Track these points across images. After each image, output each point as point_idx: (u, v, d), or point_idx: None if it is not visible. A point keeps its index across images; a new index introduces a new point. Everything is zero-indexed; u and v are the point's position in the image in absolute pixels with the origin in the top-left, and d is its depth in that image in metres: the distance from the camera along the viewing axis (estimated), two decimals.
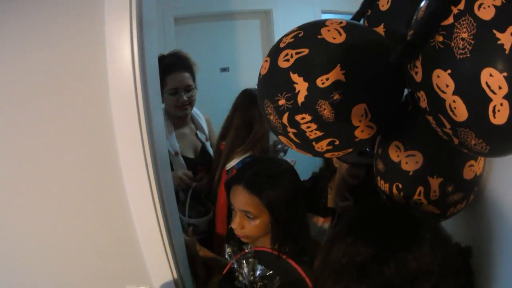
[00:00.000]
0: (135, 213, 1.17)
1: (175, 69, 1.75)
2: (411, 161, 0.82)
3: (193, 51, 2.96)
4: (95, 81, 1.11)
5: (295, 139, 0.85)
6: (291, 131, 0.83)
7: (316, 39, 0.80)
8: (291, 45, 0.81)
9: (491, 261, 0.86)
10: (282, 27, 3.25)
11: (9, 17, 1.11)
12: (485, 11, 0.55)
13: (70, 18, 1.10)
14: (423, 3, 0.65)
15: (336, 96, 0.76)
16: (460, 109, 0.60)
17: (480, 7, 0.56)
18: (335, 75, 0.76)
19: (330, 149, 0.85)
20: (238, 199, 1.16)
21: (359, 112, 0.78)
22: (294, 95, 0.78)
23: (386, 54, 0.76)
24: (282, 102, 0.80)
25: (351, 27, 0.83)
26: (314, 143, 0.83)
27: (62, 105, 1.13)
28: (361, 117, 0.79)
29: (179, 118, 1.85)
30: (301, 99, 0.78)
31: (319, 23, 0.84)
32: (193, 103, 1.84)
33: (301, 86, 0.78)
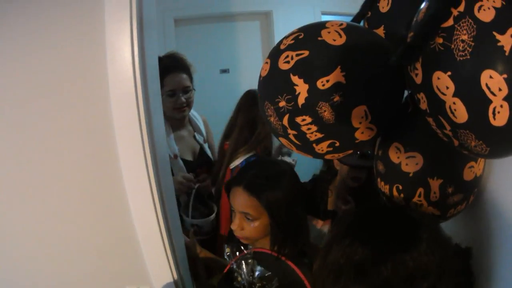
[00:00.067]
0: (135, 213, 1.17)
1: (173, 71, 1.73)
2: (411, 162, 0.82)
3: (193, 53, 2.99)
4: (96, 81, 1.11)
5: (295, 140, 0.85)
6: (292, 133, 0.83)
7: (316, 41, 0.80)
8: (292, 47, 0.82)
9: (491, 262, 0.86)
10: (282, 29, 3.26)
11: (9, 18, 1.10)
12: (485, 13, 0.55)
13: (70, 19, 1.10)
14: (423, 5, 0.66)
15: (336, 98, 0.76)
16: (460, 111, 0.60)
17: (480, 9, 0.56)
18: (335, 77, 0.76)
19: (330, 151, 0.85)
20: (237, 200, 1.16)
21: (359, 113, 0.78)
22: (294, 97, 0.79)
23: (386, 56, 0.76)
24: (282, 104, 0.81)
25: (351, 29, 0.83)
26: (314, 144, 0.83)
27: (62, 106, 1.13)
28: (361, 119, 0.79)
29: (177, 120, 1.83)
30: (301, 101, 0.78)
31: (319, 25, 0.84)
32: (191, 104, 1.82)
33: (301, 88, 0.78)
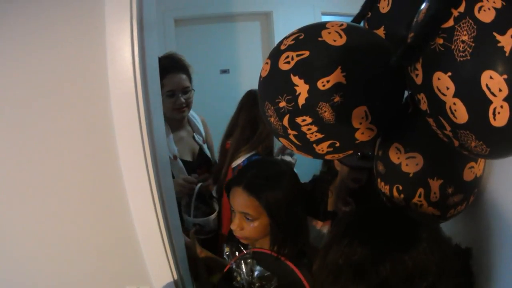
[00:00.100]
0: (135, 213, 1.17)
1: (172, 71, 1.72)
2: (411, 163, 0.83)
3: (193, 53, 2.99)
4: (96, 82, 1.11)
5: (295, 141, 0.85)
6: (292, 133, 0.83)
7: (316, 42, 0.80)
8: (292, 47, 0.82)
9: (491, 262, 0.86)
10: (282, 29, 3.26)
11: (9, 18, 1.11)
12: (485, 14, 0.55)
13: (70, 19, 1.10)
14: (424, 5, 0.66)
15: (336, 98, 0.76)
16: (460, 112, 0.60)
17: (480, 9, 0.56)
18: (335, 77, 0.76)
19: (330, 151, 0.85)
20: (237, 200, 1.16)
21: (359, 114, 0.78)
22: (294, 97, 0.79)
23: (386, 56, 0.76)
24: (282, 104, 0.81)
25: (352, 30, 0.83)
26: (314, 145, 0.84)
27: (62, 106, 1.14)
28: (361, 119, 0.79)
29: (176, 120, 1.83)
30: (301, 101, 0.78)
31: (320, 26, 0.84)
32: (191, 105, 1.82)
33: (301, 88, 0.78)
